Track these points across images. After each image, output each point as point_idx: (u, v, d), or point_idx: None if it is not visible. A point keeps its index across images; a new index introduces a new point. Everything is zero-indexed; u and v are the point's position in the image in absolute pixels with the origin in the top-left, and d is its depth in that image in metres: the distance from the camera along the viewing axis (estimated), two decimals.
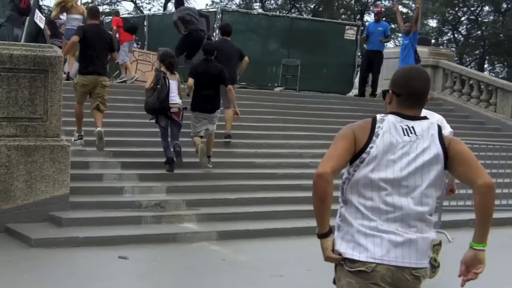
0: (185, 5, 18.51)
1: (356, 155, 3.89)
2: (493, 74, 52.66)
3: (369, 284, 3.84)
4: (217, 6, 23.85)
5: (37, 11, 18.38)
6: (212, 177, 12.34)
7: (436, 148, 3.91)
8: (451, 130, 7.69)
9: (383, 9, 19.45)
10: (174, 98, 11.84)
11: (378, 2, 55.45)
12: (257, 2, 58.31)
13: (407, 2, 55.60)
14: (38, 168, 9.75)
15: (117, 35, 18.94)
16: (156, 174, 11.84)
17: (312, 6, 58.33)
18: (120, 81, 17.48)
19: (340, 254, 3.90)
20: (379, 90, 19.15)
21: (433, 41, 53.99)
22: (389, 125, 3.93)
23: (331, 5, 55.13)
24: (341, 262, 3.91)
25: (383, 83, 20.44)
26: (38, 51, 9.85)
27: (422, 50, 20.73)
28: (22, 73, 9.66)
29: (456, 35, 58.82)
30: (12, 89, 9.59)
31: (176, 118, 11.80)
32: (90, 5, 17.12)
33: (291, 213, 11.35)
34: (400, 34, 35.05)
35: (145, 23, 22.36)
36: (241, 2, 57.68)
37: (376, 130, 3.91)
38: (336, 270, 3.99)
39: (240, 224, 10.68)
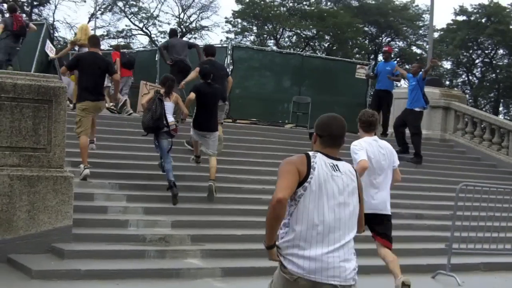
0: (178, 37, 19.53)
1: (299, 184, 4.81)
2: (508, 118, 52.43)
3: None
4: (228, 42, 23.65)
5: (48, 41, 18.53)
6: (218, 212, 12.17)
7: (354, 182, 5.01)
8: (398, 162, 9.08)
9: (393, 49, 19.28)
10: (170, 118, 12.35)
11: (392, 43, 55.64)
12: (271, 40, 58.60)
13: (421, 43, 55.77)
14: (41, 199, 9.62)
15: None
16: (161, 207, 11.70)
17: (326, 45, 58.59)
18: (127, 114, 17.50)
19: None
20: (390, 130, 18.99)
21: (447, 82, 54.09)
22: (320, 161, 4.92)
23: (345, 44, 55.32)
24: (282, 270, 4.87)
25: None
26: (43, 81, 9.77)
27: (433, 91, 20.63)
28: (26, 102, 9.57)
29: (470, 78, 58.81)
30: (15, 118, 9.50)
31: (173, 133, 12.31)
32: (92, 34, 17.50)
33: None
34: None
35: (156, 57, 22.32)
36: (256, 39, 57.98)
37: (312, 164, 4.87)
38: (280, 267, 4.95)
39: (246, 261, 10.45)
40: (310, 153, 4.96)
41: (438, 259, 11.60)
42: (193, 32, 59.98)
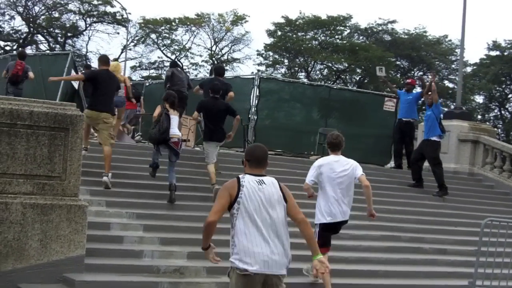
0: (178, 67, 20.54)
1: (232, 202, 6.50)
2: None
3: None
4: (255, 73, 23.64)
5: (72, 71, 18.59)
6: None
7: (278, 190, 6.63)
8: (363, 173, 10.63)
9: (417, 82, 19.13)
10: (174, 131, 13.22)
11: (424, 77, 55.31)
12: (302, 72, 58.60)
13: (453, 77, 55.45)
14: (54, 228, 9.50)
15: None
16: (178, 238, 11.52)
17: (357, 78, 58.47)
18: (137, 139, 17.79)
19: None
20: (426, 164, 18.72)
21: (479, 117, 53.59)
22: (248, 180, 6.58)
23: (376, 77, 55.05)
24: (232, 268, 6.56)
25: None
26: (59, 109, 9.69)
27: (462, 124, 20.39)
28: (42, 130, 9.49)
29: (503, 112, 58.24)
30: (31, 146, 9.41)
31: (174, 147, 13.09)
32: (102, 54, 19.15)
33: (314, 285, 10.90)
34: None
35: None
36: (287, 72, 58.03)
37: (241, 183, 6.55)
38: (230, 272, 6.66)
39: None
40: (240, 176, 6.66)
41: None
42: (224, 64, 60.15)
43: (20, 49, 28.56)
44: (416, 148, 18.08)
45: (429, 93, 17.62)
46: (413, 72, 58.03)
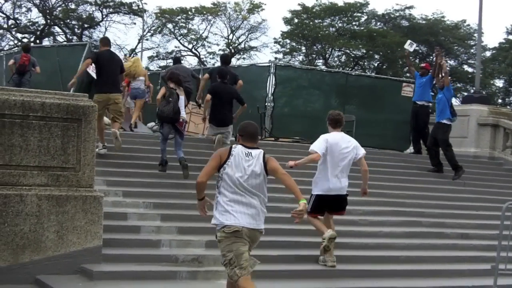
0: (182, 63, 20.95)
1: (221, 165, 7.54)
2: None
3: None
4: (271, 62, 23.48)
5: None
6: None
7: (260, 164, 7.60)
8: (364, 152, 11.14)
9: (430, 66, 18.92)
10: (182, 112, 13.73)
11: (443, 62, 54.81)
12: (320, 59, 58.38)
13: (472, 62, 54.96)
14: (70, 219, 9.44)
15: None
16: (196, 227, 11.39)
17: (375, 64, 58.17)
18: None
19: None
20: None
21: (499, 101, 53.12)
22: (238, 150, 7.62)
23: (394, 63, 54.81)
24: (220, 228, 7.54)
25: None
26: (72, 100, 9.61)
27: (481, 108, 20.21)
28: (54, 121, 9.41)
29: None
30: (44, 137, 9.34)
31: (180, 128, 13.56)
32: (104, 35, 20.56)
33: (334, 272, 10.77)
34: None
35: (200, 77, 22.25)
36: (304, 59, 57.82)
37: (231, 152, 7.58)
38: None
39: (281, 283, 10.16)
40: (233, 146, 7.69)
41: (484, 280, 11.12)
42: (241, 53, 60.07)
43: (24, 42, 29.67)
44: (430, 133, 17.91)
45: (440, 76, 17.52)
46: (431, 57, 57.57)
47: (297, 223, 8.59)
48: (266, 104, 20.87)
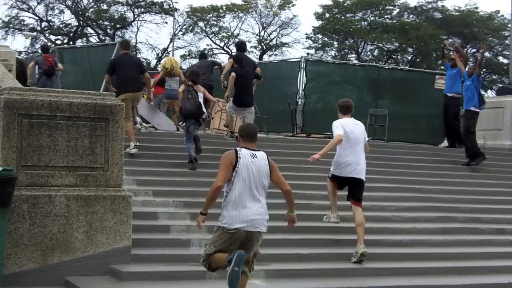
0: (208, 59, 22.19)
1: (233, 168, 7.79)
2: None
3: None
4: (301, 56, 23.31)
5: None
6: (284, 230, 11.61)
7: (267, 165, 7.97)
8: (367, 138, 11.57)
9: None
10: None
11: (477, 54, 54.27)
12: (352, 54, 58.05)
13: (507, 53, 54.20)
14: (99, 219, 9.38)
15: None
16: None
17: (409, 58, 57.71)
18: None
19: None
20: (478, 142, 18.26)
21: None
22: (244, 153, 7.89)
23: (428, 55, 54.31)
24: (221, 226, 7.93)
25: (477, 134, 19.52)
26: (99, 99, 9.54)
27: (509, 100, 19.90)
28: (82, 121, 9.35)
29: None
30: (71, 137, 9.29)
31: (202, 123, 14.66)
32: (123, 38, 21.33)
33: (367, 270, 10.60)
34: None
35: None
36: (337, 54, 57.53)
37: (238, 155, 7.85)
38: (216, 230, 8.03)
39: (312, 282, 9.99)
40: (237, 148, 7.94)
41: None
42: (273, 49, 59.93)
43: (43, 43, 30.22)
44: (463, 124, 17.68)
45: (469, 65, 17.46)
46: (466, 49, 56.95)
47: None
48: (297, 100, 20.71)
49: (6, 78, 11.47)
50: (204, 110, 14.27)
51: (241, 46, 18.13)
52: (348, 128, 11.25)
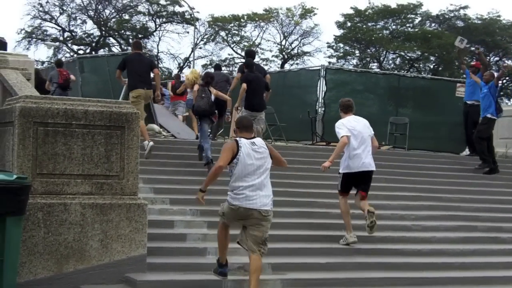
0: (222, 70, 22.52)
1: (233, 157, 8.58)
2: None
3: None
4: (321, 65, 23.27)
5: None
6: (302, 239, 11.63)
7: (266, 149, 8.79)
8: (373, 132, 11.85)
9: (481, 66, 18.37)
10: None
11: (500, 63, 53.97)
12: (374, 63, 57.87)
13: None
14: (114, 227, 9.32)
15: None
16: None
17: (431, 66, 57.44)
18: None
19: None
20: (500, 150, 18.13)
21: None
22: (243, 142, 8.67)
23: (451, 64, 54.02)
24: (228, 202, 8.79)
25: (499, 142, 19.36)
26: (114, 107, 9.50)
27: None
28: (97, 129, 9.30)
29: None
30: (87, 145, 9.25)
31: (214, 120, 14.90)
32: (136, 39, 22.70)
33: (386, 280, 10.47)
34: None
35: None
36: (358, 63, 57.39)
37: (239, 144, 8.63)
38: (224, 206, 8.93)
39: None
40: (237, 138, 8.81)
41: None
42: (294, 58, 59.88)
43: (57, 58, 31.52)
44: None
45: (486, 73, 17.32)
46: (488, 57, 56.65)
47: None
48: (317, 108, 20.63)
49: (24, 87, 11.43)
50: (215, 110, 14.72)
51: (250, 53, 18.25)
52: (350, 125, 11.60)
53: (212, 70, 24.53)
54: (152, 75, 15.71)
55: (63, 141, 9.16)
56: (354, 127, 11.60)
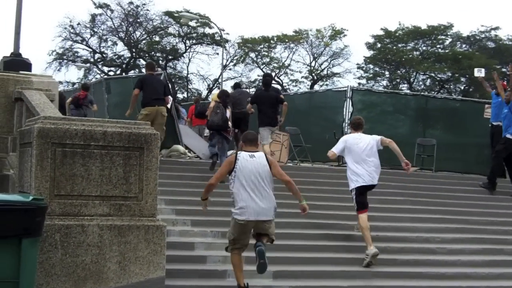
0: (242, 88, 23.30)
1: (231, 169, 9.39)
2: None
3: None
4: (348, 85, 23.12)
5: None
6: (324, 261, 11.51)
7: (265, 162, 9.46)
8: (379, 137, 12.30)
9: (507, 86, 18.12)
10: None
11: None
12: (404, 84, 57.59)
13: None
14: (132, 249, 9.26)
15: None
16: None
17: (461, 87, 57.03)
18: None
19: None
20: None
21: None
22: (242, 155, 9.46)
23: (482, 85, 53.50)
24: (233, 217, 9.49)
25: None
26: (133, 128, 9.47)
27: None
28: (116, 150, 9.27)
29: None
30: (105, 166, 9.22)
31: (227, 135, 15.62)
32: (149, 61, 24.01)
33: None
34: None
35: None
36: (388, 84, 57.13)
37: (237, 157, 9.43)
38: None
39: None
40: (238, 152, 9.63)
41: None
42: (324, 79, 59.76)
43: (84, 81, 34.17)
44: None
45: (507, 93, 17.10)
46: None
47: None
48: (343, 129, 20.50)
49: (47, 108, 11.44)
50: (229, 124, 15.59)
51: (267, 79, 17.80)
52: (352, 141, 12.16)
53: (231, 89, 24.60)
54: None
55: (81, 162, 9.13)
56: (357, 143, 12.09)
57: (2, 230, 7.69)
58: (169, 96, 17.85)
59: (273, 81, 59.50)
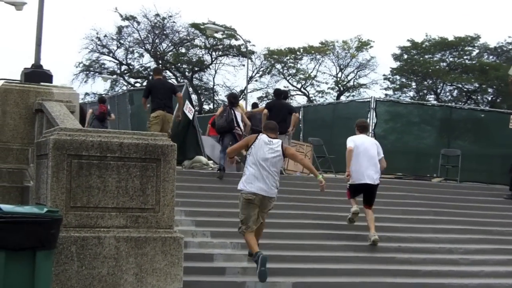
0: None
1: (249, 146, 10.49)
2: None
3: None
4: (371, 96, 22.96)
5: (187, 102, 18.65)
6: (344, 272, 11.39)
7: (279, 148, 10.47)
8: (382, 155, 12.84)
9: None
10: (238, 123, 16.19)
11: None
12: (431, 95, 57.27)
13: None
14: (149, 261, 9.18)
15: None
16: (283, 268, 11.06)
17: (489, 98, 56.60)
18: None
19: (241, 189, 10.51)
20: None
21: None
22: (262, 137, 10.50)
23: (509, 96, 53.07)
24: (241, 194, 10.46)
25: None
26: (150, 140, 9.41)
27: None
28: (132, 162, 9.19)
29: None
30: (122, 178, 9.16)
31: (238, 137, 15.86)
32: (157, 66, 25.15)
33: None
34: None
35: (300, 115, 22.05)
36: (415, 95, 56.86)
37: (258, 137, 10.49)
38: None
39: None
40: (260, 133, 10.65)
41: None
42: (350, 90, 59.59)
43: (101, 95, 37.75)
44: None
45: None
46: None
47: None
48: None
49: (67, 119, 11.46)
50: (240, 125, 16.14)
51: (276, 93, 18.54)
52: (359, 141, 12.77)
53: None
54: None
55: (97, 174, 9.08)
56: (363, 142, 12.74)
57: (16, 243, 7.66)
58: (190, 106, 17.91)
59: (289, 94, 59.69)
